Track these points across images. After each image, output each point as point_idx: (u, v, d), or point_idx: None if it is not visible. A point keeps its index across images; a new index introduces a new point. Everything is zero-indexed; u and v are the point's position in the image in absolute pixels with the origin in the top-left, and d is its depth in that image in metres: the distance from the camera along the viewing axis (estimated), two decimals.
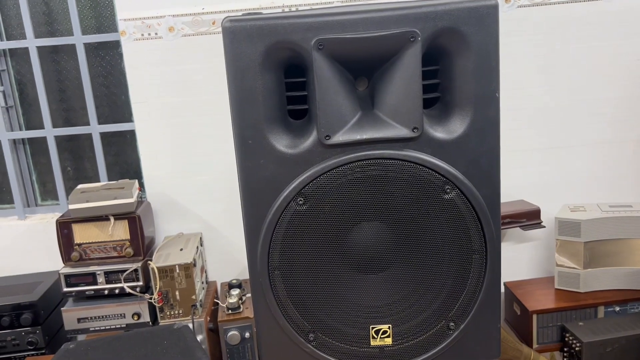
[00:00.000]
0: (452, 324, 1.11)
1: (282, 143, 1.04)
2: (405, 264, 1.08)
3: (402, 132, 1.02)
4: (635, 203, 2.03)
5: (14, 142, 2.32)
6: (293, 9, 2.08)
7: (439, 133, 1.04)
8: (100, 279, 1.96)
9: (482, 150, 1.05)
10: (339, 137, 1.03)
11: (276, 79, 1.03)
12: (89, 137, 2.31)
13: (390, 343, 1.10)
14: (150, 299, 1.93)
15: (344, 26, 0.98)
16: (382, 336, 1.10)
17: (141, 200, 2.14)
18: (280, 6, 2.07)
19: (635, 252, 1.95)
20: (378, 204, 1.04)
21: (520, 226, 2.10)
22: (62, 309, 1.95)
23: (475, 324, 1.11)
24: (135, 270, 1.95)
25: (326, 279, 1.08)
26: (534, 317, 1.93)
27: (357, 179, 1.03)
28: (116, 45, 2.26)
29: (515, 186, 2.23)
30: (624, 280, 1.97)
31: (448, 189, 1.04)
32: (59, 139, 2.32)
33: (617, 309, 1.94)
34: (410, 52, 0.98)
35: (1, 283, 2.15)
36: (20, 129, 2.34)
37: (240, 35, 0.99)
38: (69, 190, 2.30)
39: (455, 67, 1.02)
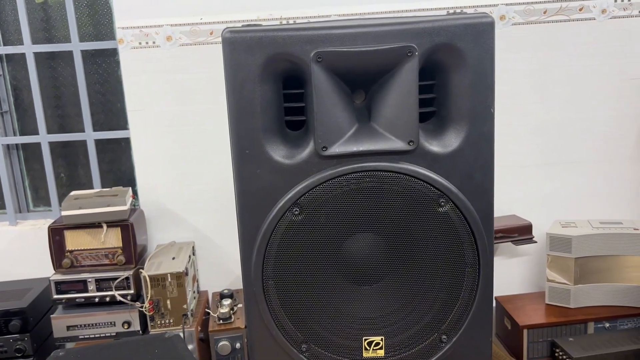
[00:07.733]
0: (444, 336, 1.11)
1: (279, 153, 1.05)
2: (399, 276, 1.09)
3: (398, 144, 1.04)
4: (626, 220, 2.05)
5: (8, 147, 2.31)
6: (291, 21, 2.09)
7: (434, 147, 1.05)
8: (91, 286, 1.94)
9: (476, 165, 1.06)
10: (336, 149, 1.04)
11: (275, 90, 1.04)
12: (83, 144, 2.31)
13: (383, 355, 1.11)
14: (141, 307, 1.92)
15: (343, 40, 0.99)
16: (374, 348, 1.10)
17: (134, 208, 2.14)
18: (278, 18, 2.09)
19: (625, 268, 1.97)
20: (373, 216, 1.05)
21: (512, 241, 2.12)
22: (51, 316, 1.93)
23: (468, 337, 1.12)
24: (127, 278, 1.94)
25: (320, 290, 1.09)
26: (525, 332, 1.94)
27: (353, 191, 1.04)
28: (113, 53, 2.26)
29: (507, 201, 2.24)
30: (613, 297, 1.98)
31: (442, 202, 1.05)
32: (53, 145, 2.31)
33: (607, 325, 1.95)
34: (408, 66, 1.00)
35: None
36: (15, 135, 2.34)
37: (240, 46, 1.00)
38: (61, 196, 2.29)
39: (451, 82, 1.04)
